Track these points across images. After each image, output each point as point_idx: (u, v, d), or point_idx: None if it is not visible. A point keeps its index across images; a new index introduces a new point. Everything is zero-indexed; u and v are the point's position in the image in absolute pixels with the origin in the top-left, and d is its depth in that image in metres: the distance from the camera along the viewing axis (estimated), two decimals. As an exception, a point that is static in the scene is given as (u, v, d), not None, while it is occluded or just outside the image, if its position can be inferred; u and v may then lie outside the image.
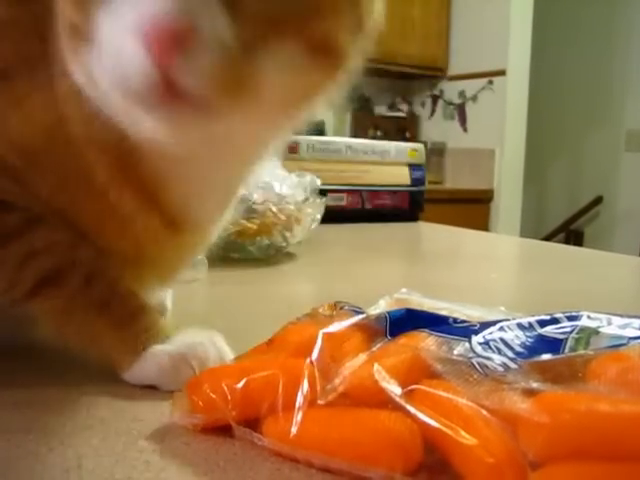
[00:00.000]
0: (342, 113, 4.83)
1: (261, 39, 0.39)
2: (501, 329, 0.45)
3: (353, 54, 0.44)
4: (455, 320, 0.48)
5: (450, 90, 4.61)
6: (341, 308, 0.48)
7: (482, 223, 4.16)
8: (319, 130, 4.42)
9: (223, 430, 0.40)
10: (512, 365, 0.40)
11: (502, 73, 4.22)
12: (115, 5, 0.37)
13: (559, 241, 5.14)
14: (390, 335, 0.45)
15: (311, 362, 0.38)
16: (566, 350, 0.42)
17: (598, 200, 5.04)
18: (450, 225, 1.69)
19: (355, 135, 4.69)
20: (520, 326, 0.46)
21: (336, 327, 0.42)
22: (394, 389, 0.37)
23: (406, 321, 0.46)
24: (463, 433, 0.34)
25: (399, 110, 4.88)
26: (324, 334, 0.40)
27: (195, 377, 0.43)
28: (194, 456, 0.38)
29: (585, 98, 5.03)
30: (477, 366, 0.39)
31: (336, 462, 0.36)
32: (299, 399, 0.37)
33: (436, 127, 4.70)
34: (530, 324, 0.46)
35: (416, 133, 4.82)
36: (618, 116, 4.91)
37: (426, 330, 0.44)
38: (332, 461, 0.36)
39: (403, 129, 4.80)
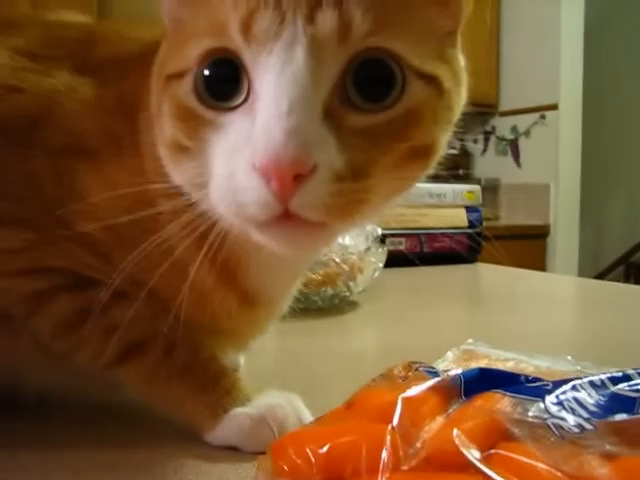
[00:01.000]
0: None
1: (368, 162, 0.41)
2: (574, 388, 0.46)
3: (445, 142, 0.47)
4: (527, 378, 0.49)
5: (502, 126, 4.60)
6: (416, 369, 0.50)
7: (539, 259, 4.12)
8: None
9: (308, 494, 0.41)
10: (587, 426, 0.40)
11: (554, 107, 4.20)
12: (229, 138, 0.40)
13: (619, 274, 5.05)
14: (465, 396, 0.46)
15: (392, 427, 0.40)
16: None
17: (657, 233, 4.95)
18: (507, 262, 1.68)
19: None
20: (592, 384, 0.46)
21: (414, 391, 0.43)
22: (474, 453, 0.38)
23: (480, 381, 0.47)
24: (543, 498, 0.35)
25: (452, 147, 4.88)
26: (403, 399, 0.42)
27: (279, 441, 0.44)
28: (281, 519, 0.40)
29: (639, 129, 4.97)
30: (553, 428, 0.40)
31: (420, 526, 0.37)
32: (382, 464, 0.38)
33: (489, 163, 4.69)
34: (602, 382, 0.47)
35: (469, 170, 4.81)
36: (675, 146, 4.84)
37: (500, 391, 0.45)
38: (416, 525, 0.37)
39: (456, 166, 4.79)
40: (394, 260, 1.39)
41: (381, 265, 1.10)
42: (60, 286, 0.51)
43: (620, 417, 0.41)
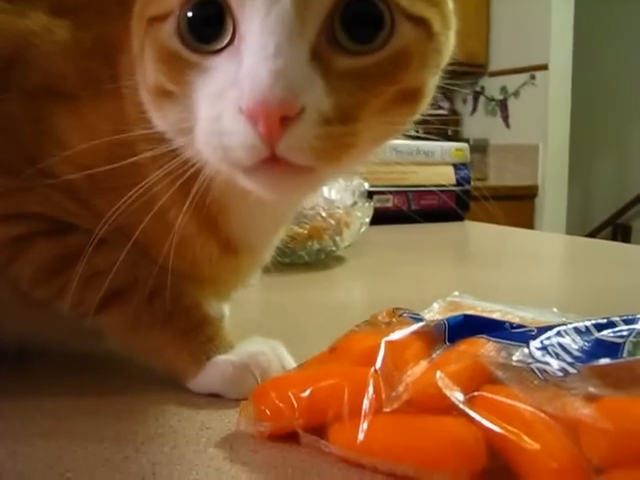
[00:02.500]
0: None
1: (356, 105, 0.40)
2: (558, 334, 0.45)
3: (434, 86, 0.47)
4: (512, 325, 0.49)
5: (491, 86, 4.58)
6: (400, 315, 0.49)
7: (527, 219, 4.13)
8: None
9: (290, 437, 0.41)
10: (571, 370, 0.40)
11: (544, 67, 4.18)
12: (215, 81, 0.39)
13: (606, 236, 5.07)
14: (449, 341, 0.45)
15: (375, 370, 0.39)
16: (624, 354, 0.42)
17: (646, 194, 4.96)
18: (495, 222, 1.69)
19: (397, 134, 4.68)
20: (577, 330, 0.46)
21: (397, 335, 0.43)
22: (457, 396, 0.38)
23: (464, 327, 0.47)
24: (526, 438, 0.35)
25: (440, 107, 4.86)
26: (386, 342, 0.41)
27: (261, 386, 0.44)
28: (263, 463, 0.39)
29: (629, 91, 4.95)
30: (537, 371, 0.40)
31: (402, 468, 0.37)
32: (365, 407, 0.38)
33: (478, 124, 4.68)
34: (587, 328, 0.46)
35: (458, 130, 4.80)
36: (664, 108, 4.84)
37: (484, 336, 0.44)
38: (398, 467, 0.37)
39: (445, 126, 4.78)
40: (382, 217, 1.38)
41: (368, 220, 1.09)
42: (39, 232, 0.50)
43: (604, 361, 0.41)
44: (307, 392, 0.40)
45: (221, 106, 0.39)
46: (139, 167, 0.47)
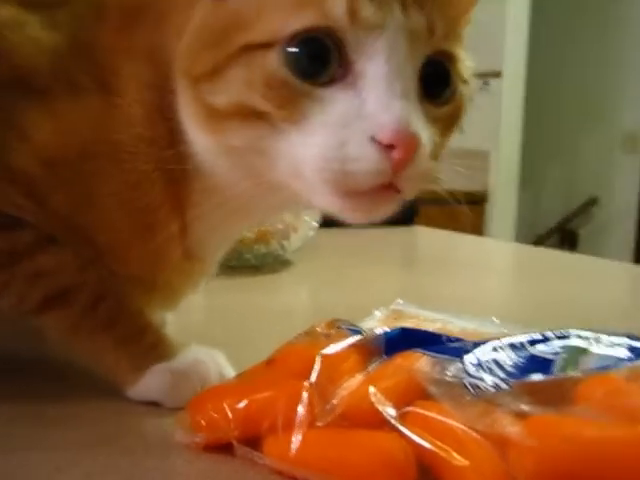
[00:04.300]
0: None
1: (440, 146, 0.48)
2: (494, 349, 0.46)
3: None
4: (449, 339, 0.50)
5: (446, 92, 4.62)
6: (338, 327, 0.50)
7: (477, 224, 4.18)
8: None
9: (225, 448, 0.41)
10: (503, 386, 0.41)
11: (498, 74, 4.23)
12: (334, 111, 0.43)
13: (554, 242, 5.16)
14: (386, 354, 0.46)
15: (310, 384, 0.40)
16: (556, 370, 0.44)
17: (593, 201, 5.06)
18: (445, 226, 1.71)
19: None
20: (512, 346, 0.47)
21: (334, 349, 0.43)
22: (389, 411, 0.38)
23: (402, 340, 0.48)
24: (456, 455, 0.36)
25: (395, 110, 4.91)
26: (322, 356, 0.42)
27: (197, 396, 0.44)
28: (197, 474, 0.40)
29: (581, 99, 5.04)
30: (469, 387, 0.41)
31: (334, 481, 0.37)
32: (298, 420, 0.39)
33: (432, 128, 4.72)
34: (522, 344, 0.48)
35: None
36: (614, 117, 4.93)
37: (420, 350, 0.45)
38: (330, 480, 0.37)
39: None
40: (331, 221, 1.39)
41: (316, 224, 1.10)
42: None
43: (535, 378, 0.42)
44: (242, 404, 0.40)
45: (347, 135, 0.42)
46: (116, 167, 0.48)
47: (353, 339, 0.46)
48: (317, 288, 1.02)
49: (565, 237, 5.17)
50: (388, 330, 0.49)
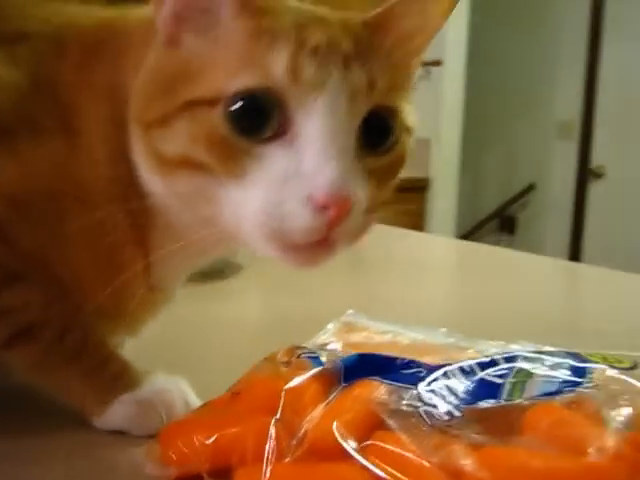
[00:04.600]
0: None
1: (377, 197, 0.49)
2: (445, 375, 0.49)
3: None
4: (403, 362, 0.52)
5: (387, 79, 4.66)
6: (298, 356, 0.52)
7: (418, 211, 4.23)
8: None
9: (195, 480, 0.43)
10: (456, 413, 0.44)
11: (438, 63, 4.28)
12: (273, 170, 0.45)
13: (493, 226, 5.27)
14: (345, 381, 0.48)
15: (276, 420, 0.42)
16: (504, 395, 0.46)
17: (531, 187, 5.17)
18: (386, 211, 1.73)
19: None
20: (462, 370, 0.50)
21: (296, 382, 0.46)
22: (351, 444, 0.41)
23: (359, 367, 0.50)
24: (413, 486, 0.38)
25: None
26: (286, 391, 0.44)
27: (167, 429, 0.46)
28: (169, 507, 0.42)
29: (519, 88, 5.13)
30: (424, 416, 0.44)
31: (301, 513, 0.40)
32: (267, 455, 0.41)
33: (373, 115, 4.75)
34: (471, 368, 0.50)
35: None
36: (550, 106, 5.04)
37: (377, 378, 0.48)
38: (297, 512, 0.40)
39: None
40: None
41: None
42: None
43: (484, 404, 0.45)
44: (212, 439, 0.42)
45: (284, 193, 0.44)
46: (81, 206, 0.49)
47: (314, 371, 0.48)
48: (268, 295, 1.04)
49: (504, 222, 5.27)
50: (345, 357, 0.52)
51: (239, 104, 0.44)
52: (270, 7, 0.47)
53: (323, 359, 0.51)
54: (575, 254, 4.78)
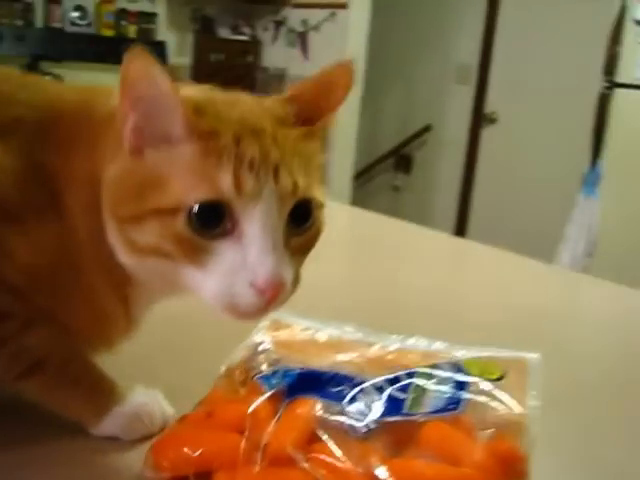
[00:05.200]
0: (183, 34, 4.84)
1: (299, 269, 0.61)
2: (362, 391, 0.63)
3: None
4: (335, 376, 0.65)
5: (293, 18, 4.74)
6: (252, 378, 0.66)
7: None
8: (160, 52, 4.33)
9: (183, 481, 0.58)
10: (372, 426, 0.58)
11: (344, 6, 4.37)
12: (225, 262, 0.57)
13: (390, 164, 5.44)
14: (288, 397, 0.62)
15: (246, 437, 0.57)
16: (406, 409, 0.61)
17: (427, 128, 5.36)
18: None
19: (197, 58, 4.72)
20: (375, 387, 0.63)
21: (254, 405, 0.60)
22: (299, 456, 0.56)
23: (299, 384, 0.64)
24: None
25: (242, 34, 4.95)
26: (249, 414, 0.59)
27: (159, 442, 0.60)
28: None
29: (420, 32, 5.26)
30: (349, 429, 0.58)
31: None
32: (240, 464, 0.56)
33: (278, 53, 4.83)
34: (381, 386, 0.64)
35: (258, 58, 4.91)
36: (448, 49, 5.19)
37: (313, 396, 0.62)
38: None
39: (246, 53, 4.88)
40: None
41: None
42: None
43: (389, 419, 0.59)
44: (198, 452, 0.57)
45: (234, 280, 0.56)
46: (77, 276, 0.62)
47: (267, 395, 0.62)
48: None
49: (400, 161, 5.45)
50: (287, 373, 0.66)
51: (196, 211, 0.55)
52: (213, 128, 0.57)
53: (271, 379, 0.66)
54: (466, 194, 5.01)
